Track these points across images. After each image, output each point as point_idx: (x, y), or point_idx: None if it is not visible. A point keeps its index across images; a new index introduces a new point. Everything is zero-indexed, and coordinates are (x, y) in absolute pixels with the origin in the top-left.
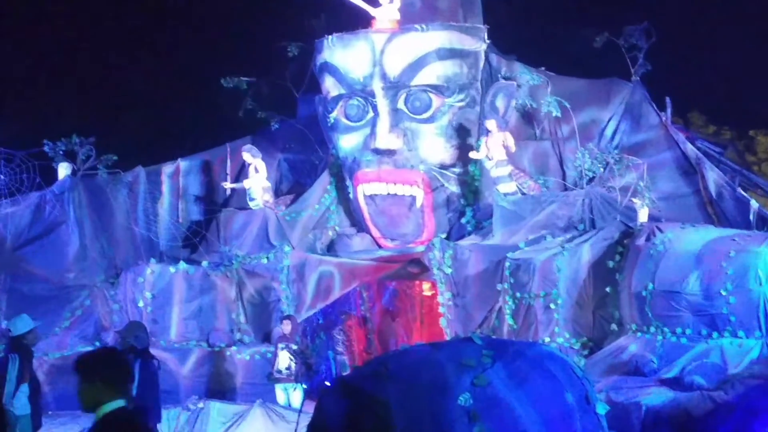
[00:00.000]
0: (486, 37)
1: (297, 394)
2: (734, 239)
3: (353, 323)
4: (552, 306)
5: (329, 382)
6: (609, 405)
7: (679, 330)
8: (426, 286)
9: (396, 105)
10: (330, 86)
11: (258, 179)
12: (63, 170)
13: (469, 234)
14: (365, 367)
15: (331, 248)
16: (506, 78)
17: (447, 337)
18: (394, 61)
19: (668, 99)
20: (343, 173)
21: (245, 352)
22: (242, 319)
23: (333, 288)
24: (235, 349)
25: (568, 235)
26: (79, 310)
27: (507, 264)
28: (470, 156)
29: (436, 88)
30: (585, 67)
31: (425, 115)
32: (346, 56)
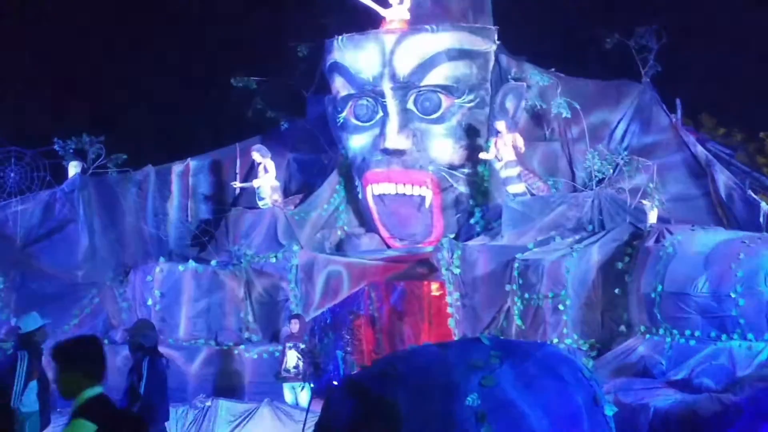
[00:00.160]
0: (496, 38)
1: (304, 394)
2: (744, 241)
3: (361, 323)
4: (560, 307)
5: (337, 382)
6: (617, 406)
7: (688, 332)
8: (434, 287)
9: (405, 105)
10: (339, 86)
11: (267, 179)
12: (73, 169)
13: (478, 235)
14: (373, 367)
15: (340, 248)
16: (516, 79)
17: (455, 338)
18: (404, 62)
19: (678, 101)
20: (352, 173)
21: (253, 351)
22: (250, 318)
23: (341, 288)
24: (243, 348)
25: (577, 237)
26: (88, 308)
27: (516, 265)
28: (480, 156)
29: (446, 89)
30: (595, 69)
31: (435, 116)
32: (356, 56)
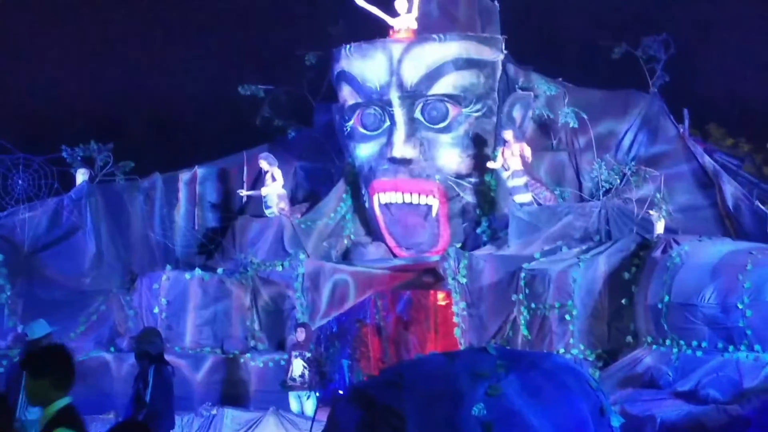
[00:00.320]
0: (503, 48)
1: (310, 403)
2: (751, 252)
3: (367, 332)
4: (567, 317)
5: (343, 391)
6: (623, 417)
7: (695, 343)
8: (441, 296)
9: (413, 114)
10: (347, 95)
11: (274, 187)
12: (81, 176)
13: (485, 244)
14: (379, 377)
15: (347, 257)
16: (523, 88)
17: (461, 347)
18: (412, 71)
19: (686, 111)
20: (359, 182)
21: (259, 360)
22: (256, 327)
23: (347, 296)
24: (249, 357)
25: (584, 247)
26: (95, 316)
27: (522, 274)
28: (487, 166)
29: (453, 98)
30: (602, 78)
31: (442, 125)
32: (364, 65)
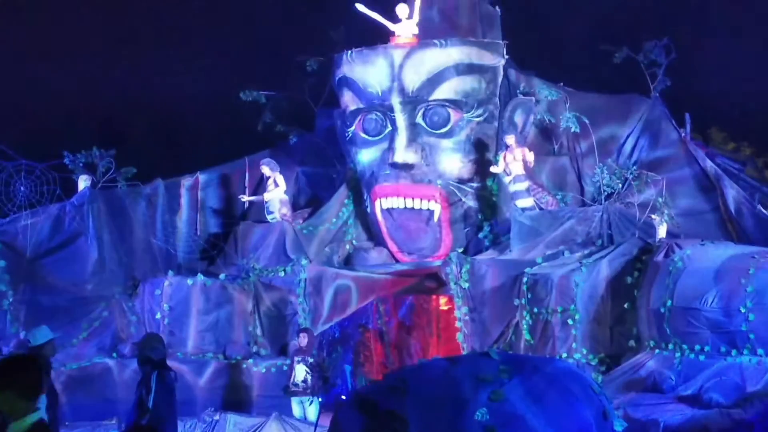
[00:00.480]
0: (505, 53)
1: (313, 408)
2: (754, 256)
3: (370, 337)
4: (570, 322)
5: (345, 396)
6: (626, 422)
7: (698, 347)
8: (443, 301)
9: (414, 120)
10: (348, 100)
11: (276, 192)
12: (83, 182)
13: (487, 249)
14: (382, 382)
15: (349, 262)
16: (525, 93)
17: (464, 352)
18: (413, 76)
19: (687, 115)
20: (361, 187)
21: (261, 365)
22: (259, 332)
23: (350, 301)
24: (252, 362)
25: (586, 251)
26: (97, 322)
27: (525, 279)
28: (490, 170)
29: (455, 103)
30: (604, 83)
31: (443, 130)
32: (365, 71)
